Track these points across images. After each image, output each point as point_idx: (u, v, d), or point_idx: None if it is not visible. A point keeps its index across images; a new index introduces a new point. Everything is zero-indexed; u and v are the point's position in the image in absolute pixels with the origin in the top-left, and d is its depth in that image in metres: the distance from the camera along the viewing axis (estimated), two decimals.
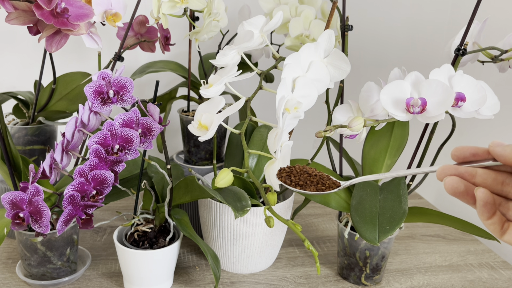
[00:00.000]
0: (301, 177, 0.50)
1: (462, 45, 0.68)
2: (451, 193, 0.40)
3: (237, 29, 0.66)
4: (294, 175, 0.50)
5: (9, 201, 0.60)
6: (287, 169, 0.51)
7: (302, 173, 0.51)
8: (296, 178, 0.50)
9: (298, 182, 0.49)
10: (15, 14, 0.65)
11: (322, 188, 0.49)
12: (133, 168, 0.81)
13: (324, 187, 0.49)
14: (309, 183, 0.49)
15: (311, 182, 0.49)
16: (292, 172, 0.51)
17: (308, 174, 0.50)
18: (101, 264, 0.81)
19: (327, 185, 0.49)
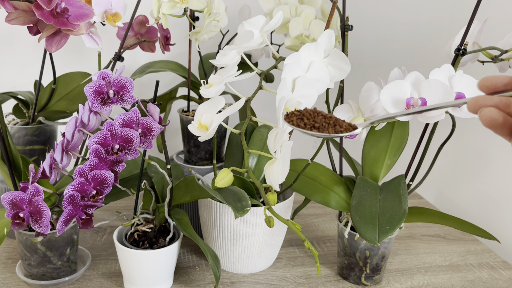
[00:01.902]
0: (316, 119, 0.45)
1: (462, 45, 0.68)
2: (488, 125, 0.38)
3: (237, 29, 0.66)
4: (307, 118, 0.45)
5: (9, 201, 0.60)
6: (297, 112, 0.46)
7: (316, 115, 0.46)
8: (310, 120, 0.45)
9: (314, 125, 0.44)
10: (15, 14, 0.65)
11: (340, 130, 0.44)
12: (133, 168, 0.81)
13: (342, 129, 0.45)
14: (325, 125, 0.44)
15: (328, 124, 0.45)
16: (304, 115, 0.45)
17: (323, 116, 0.45)
18: (101, 264, 0.81)
19: (344, 127, 0.45)
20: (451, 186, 1.18)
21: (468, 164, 1.12)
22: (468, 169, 1.12)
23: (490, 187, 1.04)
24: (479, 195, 1.07)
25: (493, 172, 1.03)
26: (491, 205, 1.04)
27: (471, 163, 1.11)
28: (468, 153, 1.11)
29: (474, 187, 1.09)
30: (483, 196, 1.06)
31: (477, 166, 1.09)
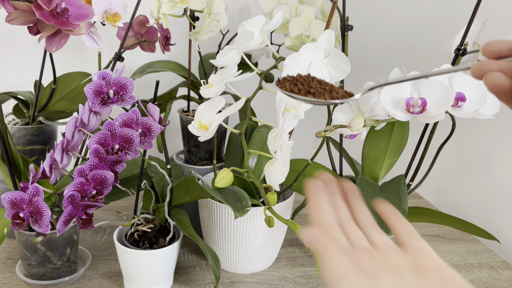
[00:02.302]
0: (312, 84, 0.42)
1: (462, 45, 0.68)
2: (494, 91, 0.36)
3: (237, 29, 0.66)
4: (301, 83, 0.42)
5: (9, 201, 0.60)
6: (289, 77, 0.43)
7: (310, 80, 0.42)
8: (305, 85, 0.42)
9: (309, 90, 0.41)
10: (15, 14, 0.65)
11: (337, 96, 0.41)
12: (133, 168, 0.81)
13: (339, 95, 0.42)
14: (321, 91, 0.41)
15: (324, 90, 0.42)
16: (298, 80, 0.42)
17: (318, 81, 0.42)
18: (101, 264, 0.81)
19: (340, 94, 0.42)
20: (451, 186, 1.18)
21: (468, 164, 1.12)
22: (468, 169, 1.12)
23: (490, 187, 1.04)
24: (479, 195, 1.07)
25: (493, 172, 1.03)
26: (491, 205, 1.04)
27: (471, 163, 1.11)
28: (468, 153, 1.11)
29: (474, 187, 1.09)
30: (483, 196, 1.06)
31: (477, 166, 1.09)
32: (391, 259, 0.36)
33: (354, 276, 0.32)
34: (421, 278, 0.34)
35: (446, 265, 0.36)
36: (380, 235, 0.39)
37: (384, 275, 0.34)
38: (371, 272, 0.33)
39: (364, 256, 0.36)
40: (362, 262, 0.35)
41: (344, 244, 0.37)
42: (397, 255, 0.37)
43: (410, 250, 0.37)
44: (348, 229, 0.39)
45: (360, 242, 0.38)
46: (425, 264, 0.35)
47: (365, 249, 0.37)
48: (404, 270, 0.35)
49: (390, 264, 0.35)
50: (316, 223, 0.39)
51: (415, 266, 0.35)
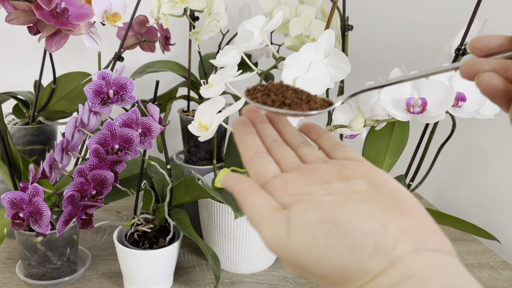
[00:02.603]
0: (286, 94, 0.37)
1: (462, 45, 0.68)
2: (487, 93, 0.33)
3: (237, 29, 0.66)
4: (274, 93, 0.37)
5: (9, 201, 0.60)
6: (260, 87, 0.38)
7: (284, 89, 0.37)
8: (279, 96, 0.36)
9: (284, 101, 0.36)
10: (15, 14, 0.65)
11: (315, 106, 0.37)
12: (133, 168, 0.81)
13: (317, 105, 0.37)
14: (298, 101, 0.36)
15: (301, 100, 0.37)
16: (271, 90, 0.37)
17: (293, 90, 0.37)
18: (101, 264, 0.81)
19: (319, 103, 0.37)
20: (451, 186, 1.18)
21: (468, 164, 1.12)
22: (468, 169, 1.12)
23: (490, 187, 1.04)
24: (479, 195, 1.07)
25: (493, 172, 1.03)
26: (491, 205, 1.04)
27: (471, 163, 1.11)
28: (468, 153, 1.11)
29: (474, 187, 1.09)
30: (483, 196, 1.06)
31: (477, 166, 1.09)
32: (320, 169, 0.34)
33: (272, 219, 0.30)
34: (347, 184, 0.32)
35: (379, 171, 0.34)
36: (310, 149, 0.37)
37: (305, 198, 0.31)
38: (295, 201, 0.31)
39: (292, 176, 0.34)
40: (290, 184, 0.33)
41: (270, 171, 0.35)
42: (326, 164, 0.35)
43: (338, 160, 0.35)
44: (277, 151, 0.37)
45: (289, 161, 0.36)
46: (354, 171, 0.33)
47: (294, 166, 0.35)
48: (333, 179, 0.33)
49: (318, 175, 0.33)
50: (244, 156, 0.37)
51: (344, 175, 0.33)
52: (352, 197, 0.31)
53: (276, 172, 0.35)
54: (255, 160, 0.36)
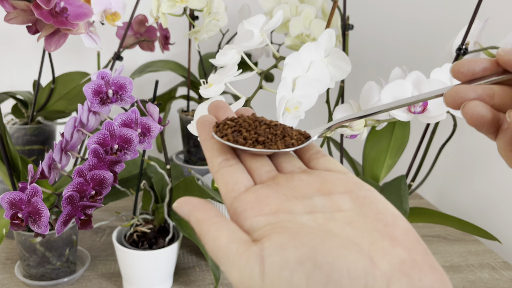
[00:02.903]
0: (259, 130, 0.33)
1: (463, 44, 0.68)
2: (474, 124, 0.31)
3: (237, 29, 0.65)
4: (246, 129, 0.33)
5: (8, 201, 0.59)
6: (230, 122, 0.34)
7: (257, 124, 0.34)
8: (251, 132, 0.33)
9: (257, 139, 0.33)
10: (14, 14, 0.64)
11: (291, 142, 0.33)
12: (133, 168, 0.81)
13: (293, 140, 0.34)
14: (272, 138, 0.33)
15: (275, 136, 0.33)
16: (242, 126, 0.34)
17: (266, 124, 0.34)
18: (100, 264, 0.81)
19: (295, 137, 0.34)
20: (452, 187, 1.17)
21: (469, 164, 1.11)
22: (469, 169, 1.12)
23: (491, 187, 1.04)
24: (480, 195, 1.07)
25: (494, 172, 1.03)
26: (492, 206, 1.03)
27: (472, 163, 1.10)
28: (469, 153, 1.11)
29: (475, 188, 1.09)
30: (484, 196, 1.06)
31: (478, 166, 1.08)
32: (298, 181, 0.30)
33: (242, 258, 0.25)
34: (329, 200, 0.28)
35: (364, 186, 0.30)
36: (287, 156, 0.34)
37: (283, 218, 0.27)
38: (269, 229, 0.26)
39: (266, 190, 0.30)
40: (264, 200, 0.29)
41: (241, 183, 0.31)
42: (305, 175, 0.31)
43: (319, 171, 0.32)
44: (249, 157, 0.33)
45: (263, 170, 0.32)
46: (336, 184, 0.30)
47: (269, 176, 0.32)
48: (313, 193, 0.29)
49: (296, 188, 0.29)
50: (211, 163, 0.33)
51: (325, 189, 0.29)
52: (335, 218, 0.27)
53: (248, 184, 0.31)
54: (223, 169, 0.32)
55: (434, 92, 0.33)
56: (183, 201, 0.29)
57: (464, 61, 0.32)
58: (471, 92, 0.31)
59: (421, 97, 0.34)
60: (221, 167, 0.32)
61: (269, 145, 0.33)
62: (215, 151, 0.33)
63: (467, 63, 0.32)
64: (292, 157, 0.34)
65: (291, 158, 0.34)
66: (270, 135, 0.33)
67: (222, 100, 0.36)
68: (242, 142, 0.33)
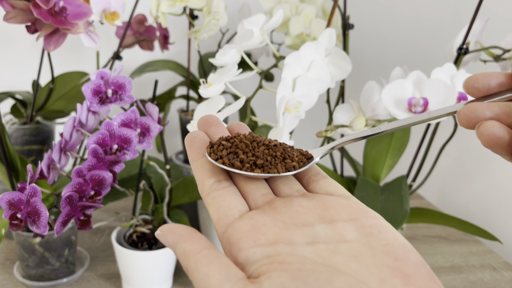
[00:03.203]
0: (257, 152, 0.31)
1: (464, 44, 0.67)
2: (490, 146, 0.28)
3: (237, 28, 0.65)
4: (242, 150, 0.31)
5: (7, 202, 0.59)
6: (225, 142, 0.31)
7: (255, 145, 0.31)
8: (249, 155, 0.31)
9: (255, 162, 0.30)
10: (13, 13, 0.64)
11: (292, 165, 0.31)
12: (132, 169, 0.81)
13: (294, 162, 0.31)
14: (271, 160, 0.31)
15: (274, 158, 0.31)
16: (239, 147, 0.31)
17: (265, 145, 0.32)
18: (100, 265, 0.80)
19: (296, 159, 0.32)
20: (453, 187, 1.17)
21: (470, 165, 1.11)
22: (470, 169, 1.11)
23: (492, 188, 1.04)
24: (481, 195, 1.07)
25: (495, 172, 1.03)
26: (493, 206, 1.03)
27: (473, 163, 1.10)
28: (470, 154, 1.11)
29: (476, 188, 1.09)
30: (485, 196, 1.06)
31: (479, 166, 1.08)
32: (297, 206, 0.28)
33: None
34: (332, 229, 0.26)
35: (369, 212, 0.27)
36: (284, 177, 0.31)
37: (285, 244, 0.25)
38: (267, 264, 0.24)
39: (263, 216, 0.27)
40: (261, 229, 0.26)
41: (235, 208, 0.28)
42: (305, 199, 0.28)
43: (319, 195, 0.29)
44: (242, 179, 0.30)
45: (259, 193, 0.29)
46: (339, 211, 0.27)
47: (265, 200, 0.29)
48: (314, 220, 0.26)
49: (296, 215, 0.27)
50: (201, 184, 0.30)
51: (327, 216, 0.27)
52: (339, 250, 0.24)
53: (243, 209, 0.28)
54: (215, 192, 0.29)
55: (447, 110, 0.31)
56: (167, 230, 0.26)
57: (478, 75, 0.30)
58: (487, 110, 0.28)
59: (432, 114, 0.32)
60: (212, 189, 0.29)
61: (268, 169, 0.30)
62: (206, 172, 0.30)
63: (482, 78, 0.29)
64: (290, 179, 0.31)
65: (289, 180, 0.31)
66: (269, 157, 0.31)
67: (213, 115, 0.34)
68: (238, 165, 0.30)
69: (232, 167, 0.30)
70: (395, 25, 1.19)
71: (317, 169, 0.32)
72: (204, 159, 0.31)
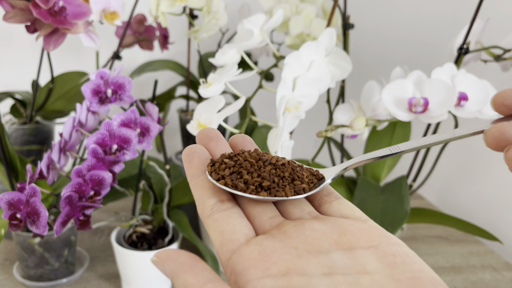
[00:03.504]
0: (263, 172, 0.28)
1: (464, 43, 0.67)
2: None
3: (237, 28, 0.65)
4: (247, 170, 0.28)
5: (6, 202, 0.59)
6: (228, 160, 0.29)
7: (261, 164, 0.28)
8: (254, 175, 0.28)
9: (261, 183, 0.27)
10: (13, 13, 0.64)
11: (302, 187, 0.28)
12: (132, 169, 0.80)
13: (304, 184, 0.28)
14: (279, 182, 0.28)
15: (282, 180, 0.28)
16: (243, 166, 0.28)
17: (272, 164, 0.29)
18: (99, 265, 0.80)
19: (306, 180, 0.29)
20: (454, 187, 1.17)
21: (471, 165, 1.11)
22: (470, 169, 1.11)
23: (492, 188, 1.04)
24: (482, 196, 1.07)
25: (496, 172, 1.02)
26: (494, 206, 1.03)
27: (473, 163, 1.10)
28: (471, 154, 1.10)
29: (477, 188, 1.08)
30: (485, 197, 1.06)
31: (479, 166, 1.08)
32: (310, 230, 0.25)
33: None
34: (351, 258, 0.23)
35: (391, 238, 0.25)
36: (295, 202, 0.28)
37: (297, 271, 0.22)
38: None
39: (272, 242, 0.24)
40: (271, 257, 0.23)
41: (240, 232, 0.25)
42: (318, 222, 0.25)
43: (334, 218, 0.26)
44: (250, 204, 0.28)
45: (265, 216, 0.27)
46: (358, 236, 0.24)
47: (273, 223, 0.26)
48: (330, 246, 0.24)
49: (309, 240, 0.24)
50: (201, 205, 0.27)
51: (344, 242, 0.24)
52: (360, 283, 0.22)
53: (249, 233, 0.25)
54: (218, 214, 0.26)
55: (472, 129, 0.28)
56: (165, 256, 0.23)
57: (509, 91, 0.26)
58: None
59: (457, 134, 0.28)
60: (214, 211, 0.26)
61: (276, 191, 0.27)
62: (206, 191, 0.27)
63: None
64: (300, 200, 0.29)
65: (299, 201, 0.28)
66: (277, 178, 0.28)
67: (214, 128, 0.31)
68: (242, 187, 0.27)
69: (236, 189, 0.27)
70: (396, 24, 1.19)
71: (330, 189, 0.29)
72: (204, 176, 0.28)
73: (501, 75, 0.82)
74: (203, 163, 0.29)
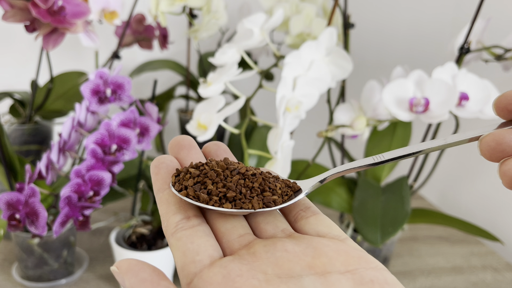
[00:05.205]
0: (229, 182, 0.26)
1: (465, 43, 0.67)
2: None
3: (237, 27, 0.64)
4: (212, 180, 0.26)
5: (5, 202, 0.59)
6: (193, 169, 0.26)
7: (227, 174, 0.26)
8: (219, 185, 0.26)
9: (225, 194, 0.25)
10: (12, 12, 0.63)
11: (272, 199, 0.26)
12: (131, 169, 0.80)
13: (276, 196, 0.26)
14: (246, 193, 0.25)
15: (251, 191, 0.26)
16: (208, 175, 0.26)
17: (241, 173, 0.26)
18: (99, 266, 0.80)
19: (279, 191, 0.26)
20: (454, 187, 1.17)
21: (472, 165, 1.11)
22: (471, 170, 1.11)
23: (493, 188, 1.03)
24: (483, 196, 1.06)
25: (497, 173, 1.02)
26: (495, 207, 1.03)
27: (474, 164, 1.10)
28: (472, 154, 1.10)
29: (478, 188, 1.08)
30: (486, 197, 1.05)
31: (480, 167, 1.08)
32: (281, 251, 0.22)
33: None
34: (324, 284, 0.21)
35: (370, 261, 0.22)
36: (267, 213, 0.26)
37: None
38: None
39: (239, 264, 0.22)
40: (235, 281, 0.21)
41: (205, 253, 0.23)
42: (291, 242, 0.23)
43: (309, 237, 0.24)
44: (219, 220, 0.25)
45: (234, 233, 0.24)
46: (334, 259, 0.22)
47: (242, 242, 0.24)
48: (302, 270, 0.21)
49: (280, 262, 0.22)
50: (166, 221, 0.25)
51: (318, 265, 0.22)
52: None
53: (214, 254, 0.23)
54: (181, 232, 0.24)
55: (466, 135, 0.26)
56: (126, 268, 0.21)
57: (509, 92, 0.24)
58: None
59: (448, 141, 0.27)
60: (178, 228, 0.24)
61: (241, 203, 0.25)
62: (172, 206, 0.25)
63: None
64: (274, 215, 0.26)
65: (273, 217, 0.26)
66: (244, 189, 0.25)
67: (187, 136, 0.29)
68: (205, 198, 0.25)
69: (197, 200, 0.25)
70: (396, 24, 1.18)
71: (307, 203, 0.27)
72: (169, 190, 0.26)
73: (502, 74, 0.81)
74: (170, 175, 0.27)
